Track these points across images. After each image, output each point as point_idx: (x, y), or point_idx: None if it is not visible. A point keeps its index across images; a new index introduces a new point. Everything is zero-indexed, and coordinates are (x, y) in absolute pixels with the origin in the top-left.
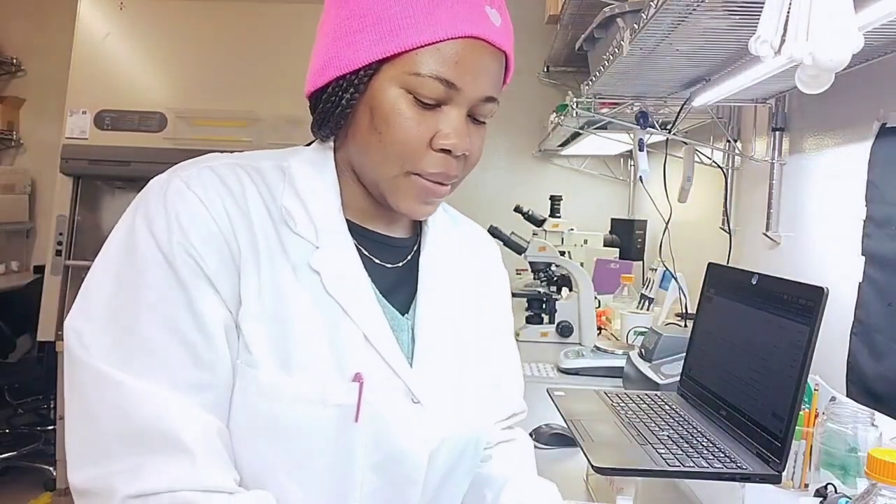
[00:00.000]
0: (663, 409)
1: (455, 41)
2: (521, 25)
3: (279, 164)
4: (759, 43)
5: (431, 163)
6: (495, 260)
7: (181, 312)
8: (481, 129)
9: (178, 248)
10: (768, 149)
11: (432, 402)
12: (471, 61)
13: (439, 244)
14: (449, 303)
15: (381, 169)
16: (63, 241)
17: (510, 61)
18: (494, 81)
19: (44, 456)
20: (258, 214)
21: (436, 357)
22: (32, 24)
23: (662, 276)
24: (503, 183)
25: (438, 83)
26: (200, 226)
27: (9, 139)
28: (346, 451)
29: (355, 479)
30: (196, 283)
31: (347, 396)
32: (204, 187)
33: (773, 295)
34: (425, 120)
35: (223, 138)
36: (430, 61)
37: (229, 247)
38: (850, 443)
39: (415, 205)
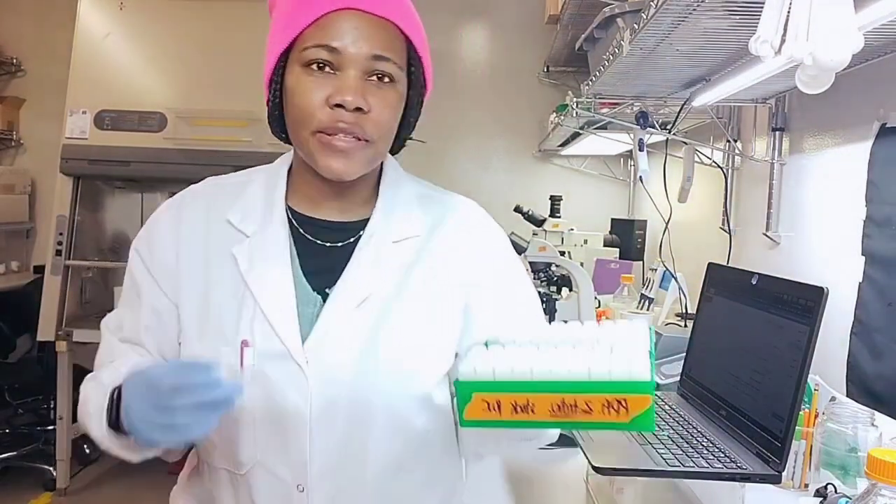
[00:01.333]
0: (663, 409)
1: (331, 14)
2: (521, 25)
3: (249, 177)
4: (759, 43)
5: (328, 118)
6: (480, 233)
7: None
8: (386, 89)
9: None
10: (768, 149)
11: (315, 367)
12: (348, 27)
13: (386, 227)
14: (372, 283)
15: (297, 138)
16: (63, 241)
17: (408, 29)
18: (380, 42)
19: (44, 456)
20: (205, 220)
21: (332, 330)
22: (32, 24)
23: (662, 276)
24: (503, 183)
25: (321, 49)
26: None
27: (9, 139)
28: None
29: (245, 424)
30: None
31: (233, 359)
32: (167, 206)
33: (773, 295)
34: (322, 85)
35: (223, 138)
36: (314, 35)
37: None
38: (850, 443)
39: (326, 160)
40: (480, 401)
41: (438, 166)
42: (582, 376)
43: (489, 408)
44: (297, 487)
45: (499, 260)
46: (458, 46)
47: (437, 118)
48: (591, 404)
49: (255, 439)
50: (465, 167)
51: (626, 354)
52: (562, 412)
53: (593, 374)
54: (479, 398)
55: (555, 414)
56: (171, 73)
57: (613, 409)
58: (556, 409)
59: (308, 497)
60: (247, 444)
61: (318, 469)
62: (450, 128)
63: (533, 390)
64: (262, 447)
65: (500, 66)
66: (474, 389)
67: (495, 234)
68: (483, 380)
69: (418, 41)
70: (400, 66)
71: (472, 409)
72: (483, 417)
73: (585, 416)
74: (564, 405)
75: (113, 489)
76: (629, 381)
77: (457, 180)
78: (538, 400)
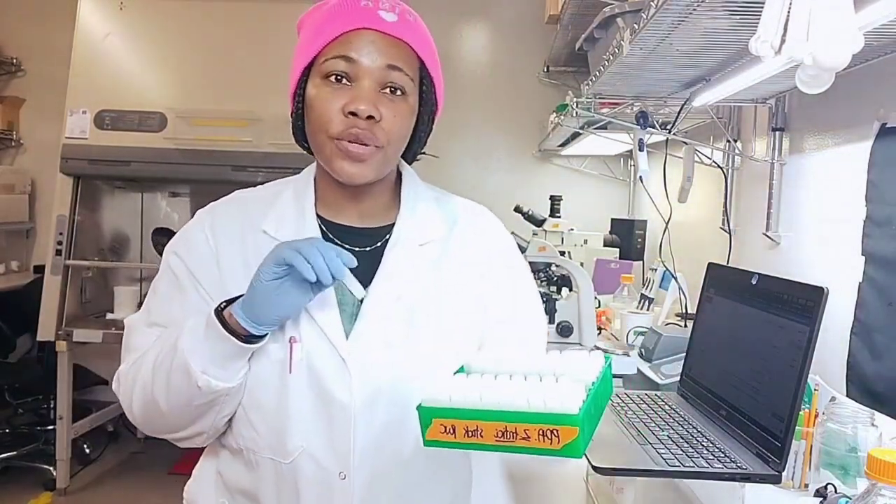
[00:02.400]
0: (663, 409)
1: (350, 32)
2: (521, 25)
3: (277, 189)
4: (759, 43)
5: (343, 124)
6: (492, 238)
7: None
8: (398, 101)
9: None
10: (768, 149)
11: (357, 361)
12: (364, 42)
13: (411, 231)
14: (404, 284)
15: (316, 144)
16: (63, 240)
17: (420, 50)
18: (392, 55)
19: (44, 456)
20: (240, 231)
21: (371, 328)
22: (32, 24)
23: (662, 276)
24: (503, 183)
25: (339, 60)
26: (189, 239)
27: (9, 139)
28: (284, 395)
29: (293, 415)
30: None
31: (283, 354)
32: (200, 217)
33: (773, 295)
34: (339, 95)
35: (223, 138)
36: (333, 49)
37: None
38: (850, 443)
39: (341, 164)
40: (438, 424)
41: (438, 166)
42: (522, 407)
43: (445, 431)
44: (339, 475)
45: (509, 262)
46: (458, 46)
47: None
48: (529, 432)
49: (302, 429)
50: (465, 167)
51: (566, 389)
52: (505, 438)
53: (531, 405)
54: (437, 422)
55: (499, 439)
56: (171, 73)
57: (547, 437)
58: (500, 435)
59: (349, 484)
60: (294, 433)
61: (359, 457)
62: (450, 128)
63: (481, 418)
64: (308, 436)
65: (500, 66)
66: (433, 415)
67: (507, 238)
68: (440, 406)
69: (430, 62)
70: (412, 78)
71: (431, 431)
72: (441, 439)
73: (524, 443)
74: (507, 432)
75: (113, 489)
76: (560, 413)
77: (457, 180)
78: (485, 426)
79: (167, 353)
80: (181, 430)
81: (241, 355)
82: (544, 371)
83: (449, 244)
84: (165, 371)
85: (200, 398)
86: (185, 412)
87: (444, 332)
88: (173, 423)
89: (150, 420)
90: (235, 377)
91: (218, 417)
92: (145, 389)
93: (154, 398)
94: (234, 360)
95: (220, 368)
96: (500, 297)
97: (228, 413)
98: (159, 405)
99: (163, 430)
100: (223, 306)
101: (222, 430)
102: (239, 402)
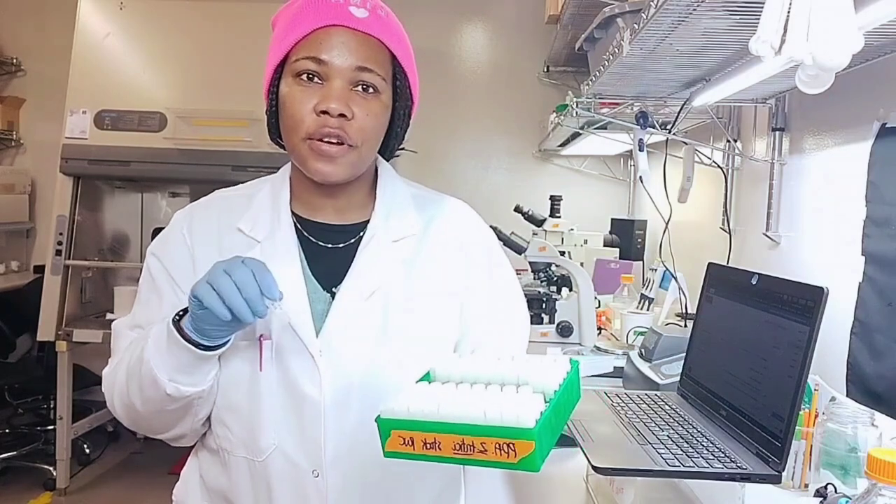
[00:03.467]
0: (663, 409)
1: (320, 30)
2: (521, 25)
3: (255, 189)
4: (759, 43)
5: (314, 124)
6: (470, 233)
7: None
8: (370, 99)
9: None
10: (768, 149)
11: (328, 358)
12: (335, 41)
13: (385, 227)
14: (376, 280)
15: (290, 144)
16: (63, 241)
17: (392, 45)
18: (363, 55)
19: (44, 456)
20: (217, 229)
21: (342, 325)
22: (32, 24)
23: (662, 276)
24: (503, 183)
25: (309, 61)
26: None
27: (9, 139)
28: (256, 393)
29: (265, 413)
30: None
31: (253, 352)
32: (179, 218)
33: (773, 295)
34: (310, 95)
35: (223, 138)
36: (304, 48)
37: (188, 253)
38: (850, 443)
39: (315, 164)
40: (397, 436)
41: (438, 166)
42: (479, 419)
43: (404, 443)
44: (313, 473)
45: (487, 257)
46: (458, 46)
47: (437, 118)
48: (486, 445)
49: (274, 426)
50: (465, 167)
51: (523, 401)
52: (462, 451)
53: (488, 418)
54: (396, 434)
55: (457, 452)
56: (171, 73)
57: (503, 451)
58: (458, 448)
59: (323, 482)
60: (267, 430)
61: (331, 454)
62: (450, 128)
63: (439, 430)
64: (280, 433)
65: (500, 66)
66: (391, 426)
67: (485, 233)
68: (398, 418)
69: (403, 57)
70: (384, 77)
71: (391, 443)
72: (400, 451)
73: (481, 456)
74: (465, 444)
75: (113, 489)
76: (515, 427)
77: (457, 180)
78: (443, 439)
79: (136, 362)
80: (164, 432)
81: (206, 360)
82: (509, 378)
83: (424, 240)
84: (137, 379)
85: (173, 404)
86: (161, 416)
87: (417, 329)
88: (154, 425)
89: (134, 422)
90: (205, 380)
91: (195, 420)
92: (122, 395)
93: (131, 403)
94: (200, 366)
95: (186, 375)
96: (478, 293)
97: (205, 414)
98: (137, 409)
99: (148, 431)
100: (180, 316)
101: (203, 430)
102: (212, 405)
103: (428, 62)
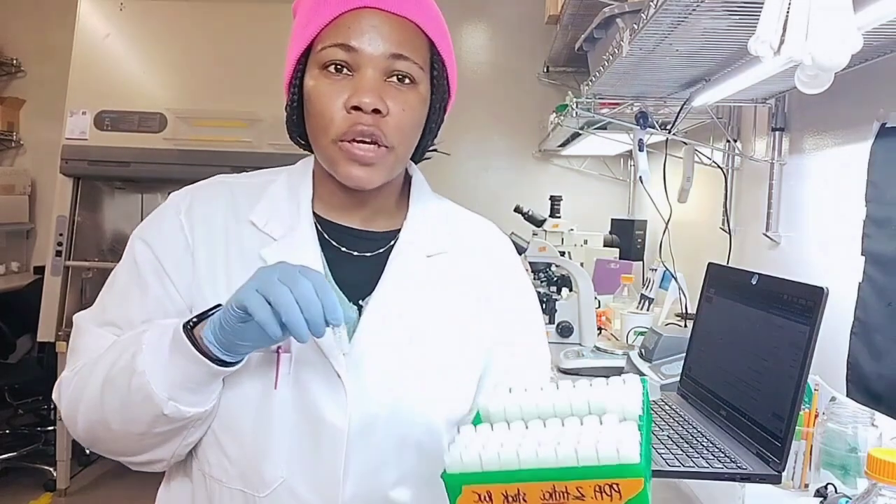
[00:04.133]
0: (663, 409)
1: (348, 14)
2: (521, 25)
3: (268, 178)
4: (758, 43)
5: (345, 122)
6: (503, 259)
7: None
8: (406, 90)
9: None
10: (768, 149)
11: (356, 382)
12: (365, 25)
13: (418, 239)
14: (409, 297)
15: (318, 145)
16: (63, 241)
17: (430, 30)
18: (397, 41)
19: (44, 456)
20: (223, 220)
21: (372, 344)
22: (32, 25)
23: (662, 276)
24: (503, 183)
25: (337, 49)
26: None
27: (9, 140)
28: (266, 414)
29: (275, 438)
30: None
31: (268, 366)
32: (176, 202)
33: (773, 295)
34: (339, 89)
35: (223, 138)
36: (330, 35)
37: (187, 242)
38: (850, 443)
39: (347, 169)
40: (471, 493)
41: (438, 166)
42: (570, 461)
43: (480, 498)
44: None
45: (516, 283)
46: (458, 46)
47: None
48: (583, 490)
49: (284, 456)
50: (465, 167)
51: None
52: (553, 499)
53: (581, 458)
54: (469, 490)
55: (546, 501)
56: (171, 73)
57: (606, 493)
58: (547, 496)
59: None
60: (274, 460)
61: (350, 493)
62: (450, 128)
63: (522, 479)
64: (291, 465)
65: (500, 66)
66: (463, 482)
67: (516, 259)
68: (471, 471)
69: (441, 42)
70: (421, 66)
71: (463, 501)
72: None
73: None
74: (556, 492)
75: (113, 489)
76: (618, 464)
77: (457, 180)
78: (529, 489)
79: (122, 371)
80: (135, 456)
81: (218, 376)
82: (578, 407)
83: (458, 262)
84: (120, 392)
85: (165, 425)
86: (141, 440)
87: (449, 353)
88: (126, 448)
89: (98, 441)
90: (209, 399)
91: (183, 444)
92: (93, 408)
93: (104, 420)
94: (209, 383)
95: (191, 393)
96: (505, 319)
97: (196, 438)
98: (110, 428)
99: (112, 453)
100: (193, 322)
101: (184, 456)
102: (208, 427)
103: None
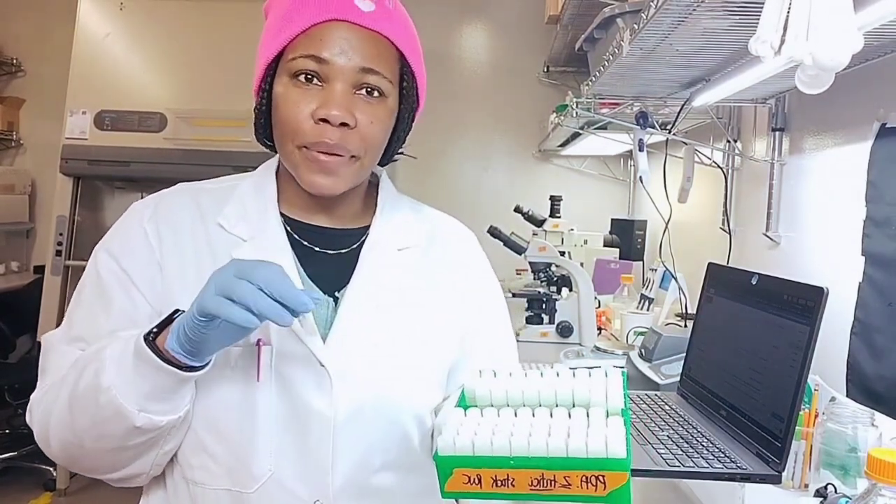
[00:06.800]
0: (663, 409)
1: (321, 25)
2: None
3: (233, 182)
4: (759, 43)
5: (313, 133)
6: (469, 252)
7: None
8: (375, 104)
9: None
10: (768, 149)
11: (339, 369)
12: (337, 38)
13: (389, 235)
14: (383, 287)
15: (282, 150)
16: (63, 241)
17: (401, 43)
18: (368, 55)
19: (44, 456)
20: (190, 225)
21: (351, 331)
22: (32, 24)
23: (662, 276)
24: (503, 183)
25: (308, 60)
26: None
27: (9, 139)
28: (250, 409)
29: (261, 432)
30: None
31: (248, 360)
32: (139, 210)
33: (773, 295)
34: (308, 98)
35: (223, 138)
36: (302, 44)
37: (152, 251)
38: (850, 443)
39: (311, 176)
40: (461, 475)
41: (438, 167)
42: (560, 452)
43: (469, 481)
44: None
45: (485, 284)
46: (459, 46)
47: (437, 118)
48: (570, 479)
49: (272, 448)
50: (465, 167)
51: (603, 426)
52: (541, 486)
53: (571, 450)
54: (460, 472)
55: (534, 487)
56: (171, 73)
57: (591, 484)
58: (535, 483)
59: None
60: (261, 454)
61: (340, 482)
62: (450, 128)
63: (513, 466)
64: (279, 457)
65: (500, 66)
66: (455, 465)
67: (482, 255)
68: (463, 454)
69: (412, 55)
70: (391, 80)
71: (452, 482)
72: (463, 490)
73: (564, 490)
74: (544, 479)
75: (113, 489)
76: (606, 458)
77: (457, 180)
78: (518, 474)
79: (88, 389)
80: (115, 472)
81: (187, 382)
82: (563, 398)
83: (428, 255)
84: (89, 410)
85: (139, 437)
86: (117, 455)
87: (425, 342)
88: (103, 464)
89: (74, 460)
90: (182, 405)
91: (160, 453)
92: (64, 428)
93: (77, 438)
94: (178, 389)
95: (161, 402)
96: (475, 306)
97: (174, 446)
98: (84, 446)
99: (91, 471)
100: (154, 333)
101: (163, 466)
102: (185, 431)
103: (428, 62)
